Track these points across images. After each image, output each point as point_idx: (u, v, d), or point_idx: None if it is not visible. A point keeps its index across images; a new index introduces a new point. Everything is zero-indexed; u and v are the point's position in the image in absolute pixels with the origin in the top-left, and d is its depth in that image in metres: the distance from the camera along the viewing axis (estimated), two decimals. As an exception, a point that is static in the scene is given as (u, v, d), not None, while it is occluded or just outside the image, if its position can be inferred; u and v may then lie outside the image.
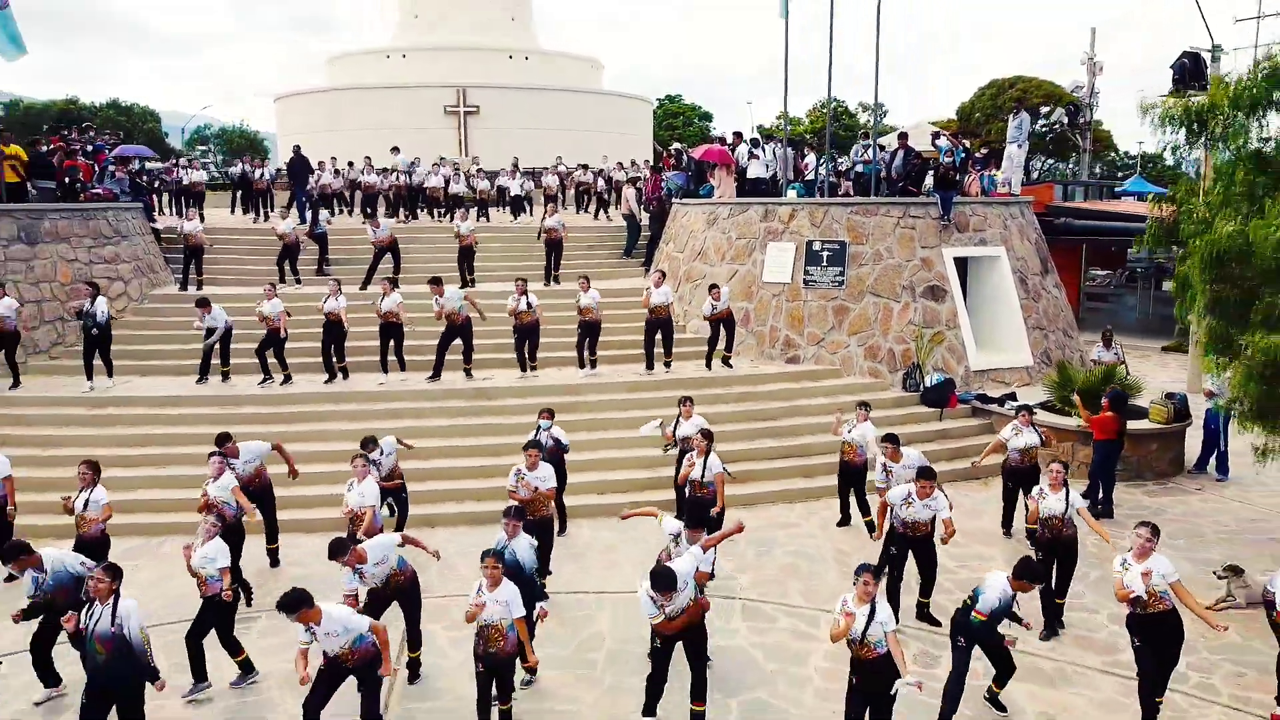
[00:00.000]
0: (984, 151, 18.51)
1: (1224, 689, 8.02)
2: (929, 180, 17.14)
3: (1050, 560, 8.67)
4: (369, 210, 22.70)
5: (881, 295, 16.17)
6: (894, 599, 8.84)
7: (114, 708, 6.56)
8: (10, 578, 9.91)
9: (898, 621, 6.69)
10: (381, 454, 10.19)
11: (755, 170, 18.85)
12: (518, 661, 7.08)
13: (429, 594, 8.88)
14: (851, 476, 11.42)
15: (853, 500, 11.57)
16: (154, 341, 16.29)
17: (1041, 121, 38.28)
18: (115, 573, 6.56)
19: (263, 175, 24.03)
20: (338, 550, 7.19)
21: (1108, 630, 8.96)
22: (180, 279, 18.07)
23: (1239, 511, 12.39)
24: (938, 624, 8.91)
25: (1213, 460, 13.95)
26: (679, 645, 7.23)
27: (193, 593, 7.93)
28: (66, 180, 16.92)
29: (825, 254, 16.40)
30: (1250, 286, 8.45)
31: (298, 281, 18.52)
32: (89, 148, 18.74)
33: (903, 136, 18.44)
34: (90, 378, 14.24)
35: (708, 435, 10.04)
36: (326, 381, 14.74)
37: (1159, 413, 13.83)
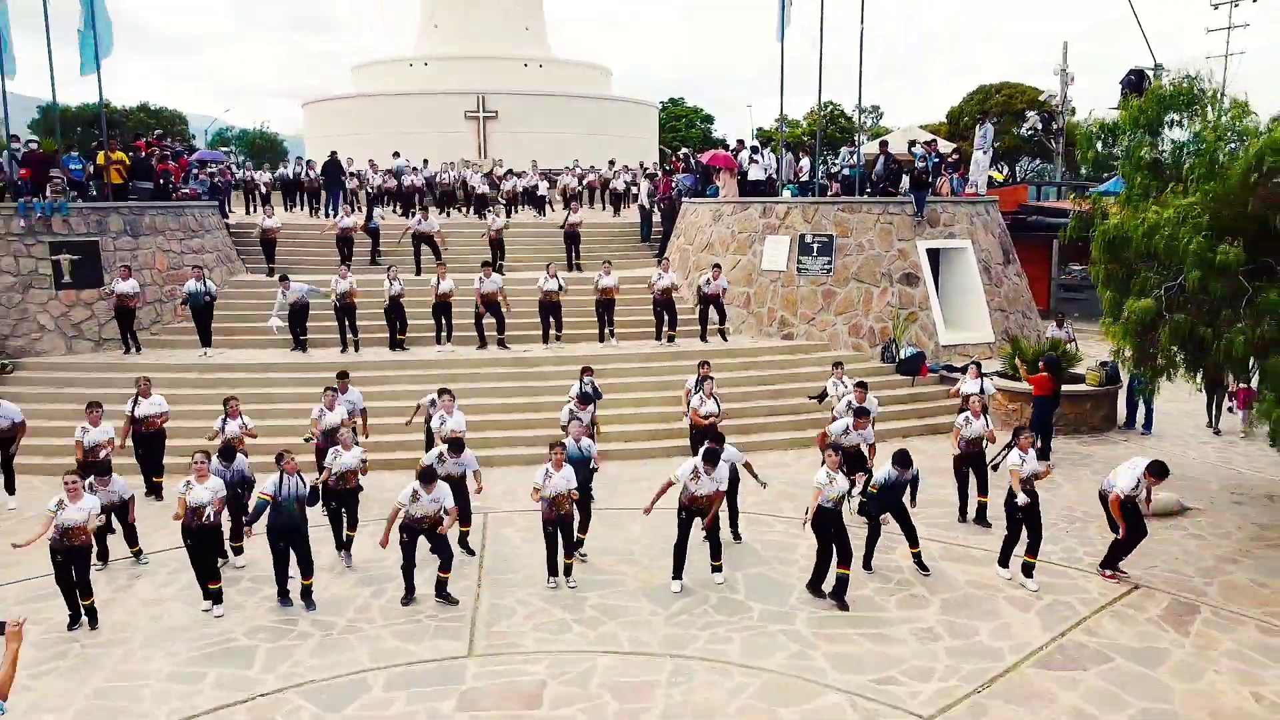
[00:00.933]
0: (955, 157, 21.10)
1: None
2: (905, 182, 19.75)
3: (968, 470, 11.54)
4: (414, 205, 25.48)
5: (864, 281, 18.81)
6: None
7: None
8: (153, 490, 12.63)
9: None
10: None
11: (755, 173, 21.47)
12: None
13: (496, 510, 11.75)
14: None
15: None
16: (238, 320, 18.90)
17: (1027, 127, 40.91)
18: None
19: (314, 177, 26.61)
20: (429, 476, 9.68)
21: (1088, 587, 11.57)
22: (268, 267, 20.80)
23: (1152, 456, 15.01)
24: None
25: (1140, 419, 16.61)
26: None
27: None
28: (160, 181, 19.54)
29: (815, 246, 19.03)
30: (1131, 265, 11.07)
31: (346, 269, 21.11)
32: (174, 151, 21.37)
33: (883, 145, 21.13)
34: (207, 344, 17.13)
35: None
36: (393, 347, 17.46)
37: (1094, 377, 16.48)
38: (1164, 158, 12.72)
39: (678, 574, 10.03)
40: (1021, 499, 9.72)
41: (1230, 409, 16.64)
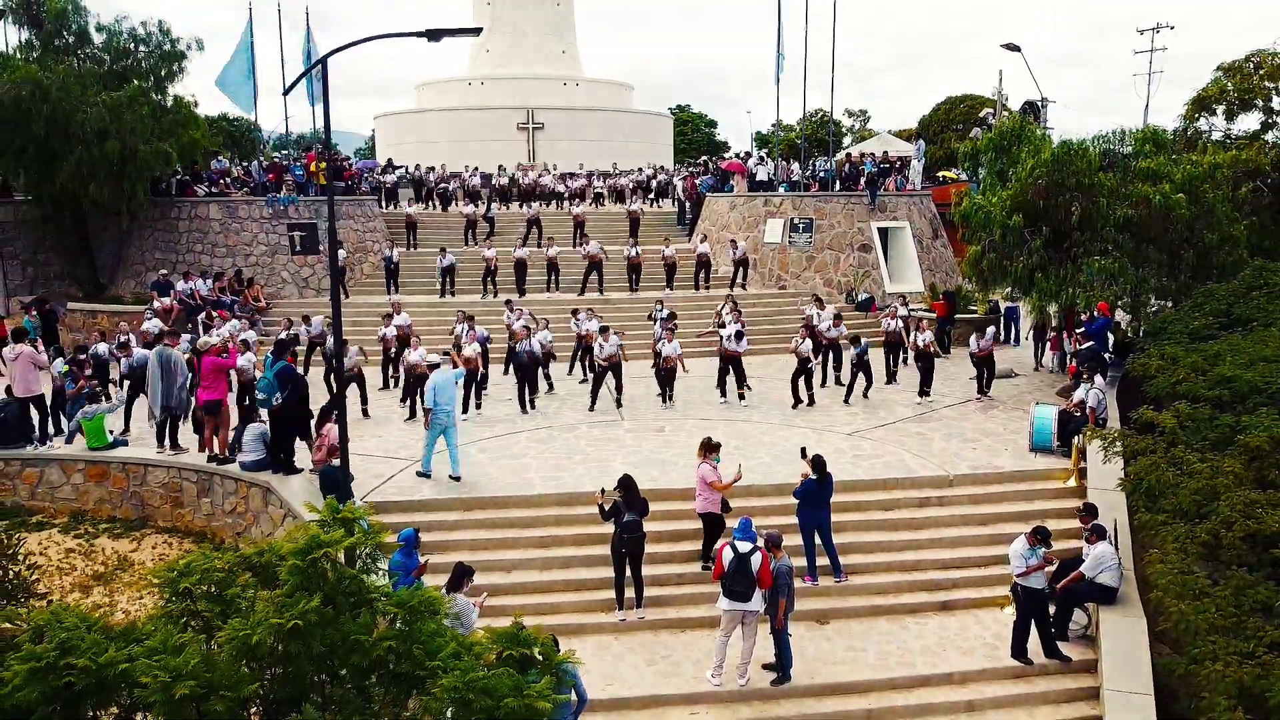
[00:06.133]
0: (899, 163, 29.83)
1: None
2: (863, 181, 28.43)
3: (896, 357, 20.00)
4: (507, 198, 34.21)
5: (834, 250, 27.51)
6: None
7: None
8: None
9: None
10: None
11: (760, 175, 30.13)
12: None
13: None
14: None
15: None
16: (402, 278, 27.48)
17: (969, 137, 49.55)
18: (528, 327, 17.97)
19: (436, 178, 35.21)
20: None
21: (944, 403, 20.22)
22: (406, 244, 29.40)
23: (1012, 354, 23.75)
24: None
25: (1013, 335, 25.35)
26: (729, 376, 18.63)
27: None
28: (348, 182, 28.22)
29: (801, 225, 27.71)
30: (973, 229, 19.68)
31: (475, 243, 29.75)
32: (347, 161, 30.04)
33: (848, 155, 29.77)
34: (395, 290, 25.72)
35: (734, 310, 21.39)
36: (518, 295, 26.10)
37: (982, 307, 25.20)
38: (1004, 168, 21.41)
39: (723, 395, 18.73)
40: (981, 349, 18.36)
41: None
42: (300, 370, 15.92)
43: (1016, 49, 30.12)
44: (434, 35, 9.43)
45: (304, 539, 6.82)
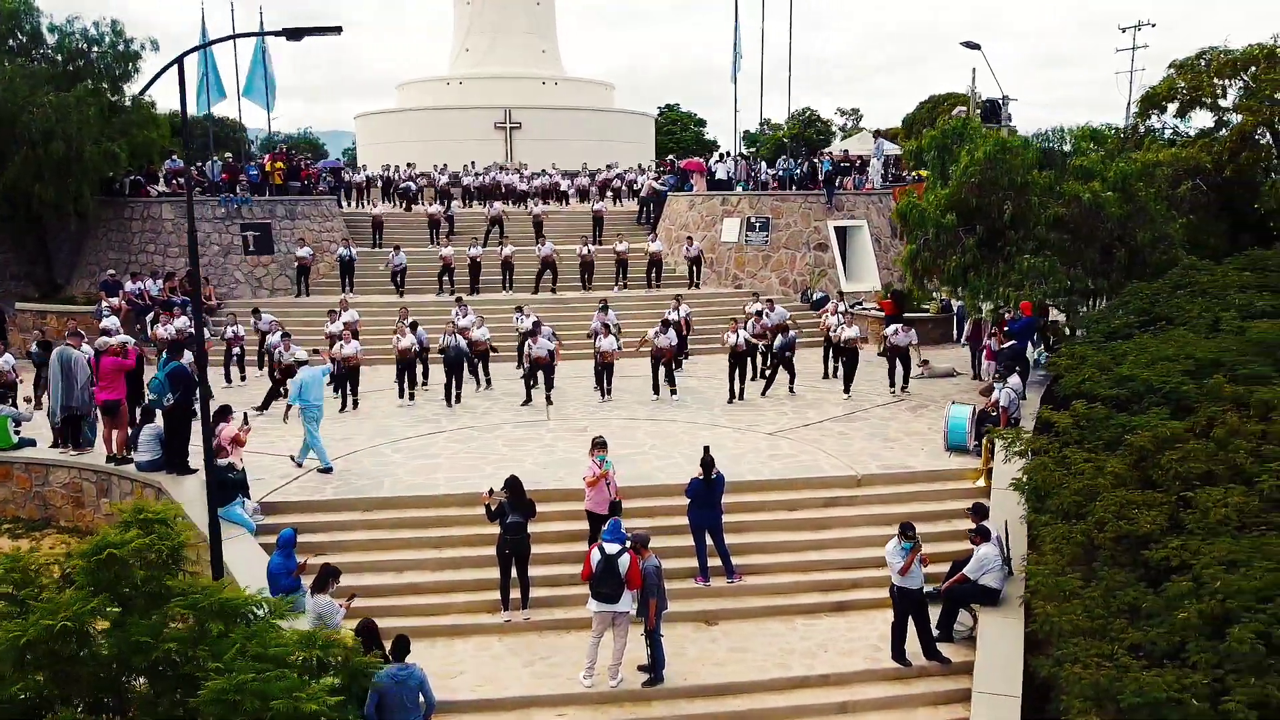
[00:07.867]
0: (858, 162, 29.73)
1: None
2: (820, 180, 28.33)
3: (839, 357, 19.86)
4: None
5: (790, 249, 27.42)
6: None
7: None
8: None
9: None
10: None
11: (720, 174, 30.05)
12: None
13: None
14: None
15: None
16: (359, 278, 27.49)
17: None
18: (454, 322, 17.91)
19: (402, 177, 35.19)
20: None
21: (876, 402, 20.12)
22: (372, 244, 29.38)
23: (960, 354, 23.62)
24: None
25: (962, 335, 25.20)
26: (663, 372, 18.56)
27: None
28: (304, 182, 28.22)
29: (758, 224, 27.62)
30: (910, 227, 19.59)
31: (438, 243, 29.70)
32: (306, 160, 30.05)
33: (808, 152, 29.67)
34: (350, 289, 25.70)
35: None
36: (471, 293, 26.07)
37: (935, 307, 25.07)
38: (946, 166, 21.29)
39: (655, 390, 18.69)
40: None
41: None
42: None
43: (976, 47, 29.95)
44: (293, 34, 9.39)
45: (94, 540, 6.80)
